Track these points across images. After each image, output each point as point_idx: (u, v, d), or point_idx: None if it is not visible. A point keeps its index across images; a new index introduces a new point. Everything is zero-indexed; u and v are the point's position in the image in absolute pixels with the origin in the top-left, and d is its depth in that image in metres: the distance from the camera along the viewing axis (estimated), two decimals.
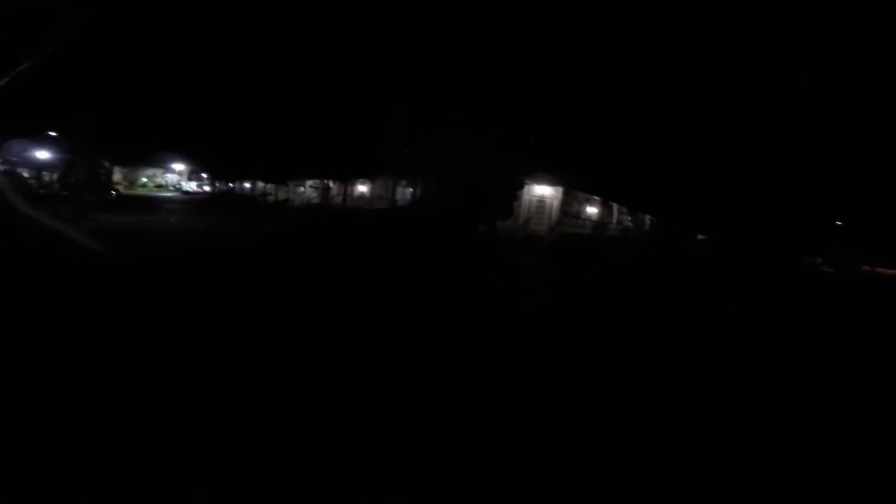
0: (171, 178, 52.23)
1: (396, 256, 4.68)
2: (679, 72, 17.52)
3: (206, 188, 46.33)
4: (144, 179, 50.75)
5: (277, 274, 4.27)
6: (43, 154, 30.86)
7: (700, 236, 29.57)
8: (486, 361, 4.57)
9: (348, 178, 25.90)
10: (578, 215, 29.02)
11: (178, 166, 50.60)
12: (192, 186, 48.90)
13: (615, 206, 32.73)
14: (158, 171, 51.78)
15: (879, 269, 28.67)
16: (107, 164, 40.81)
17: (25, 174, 29.67)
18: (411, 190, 23.93)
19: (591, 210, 31.54)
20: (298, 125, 24.21)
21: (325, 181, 27.66)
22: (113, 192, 35.51)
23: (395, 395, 3.57)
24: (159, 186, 50.71)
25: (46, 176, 31.16)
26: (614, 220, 33.08)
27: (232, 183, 41.82)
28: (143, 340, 3.46)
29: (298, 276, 4.44)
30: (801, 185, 20.17)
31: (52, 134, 31.76)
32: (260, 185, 37.28)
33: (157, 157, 46.27)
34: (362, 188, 27.70)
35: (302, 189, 33.26)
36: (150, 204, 31.41)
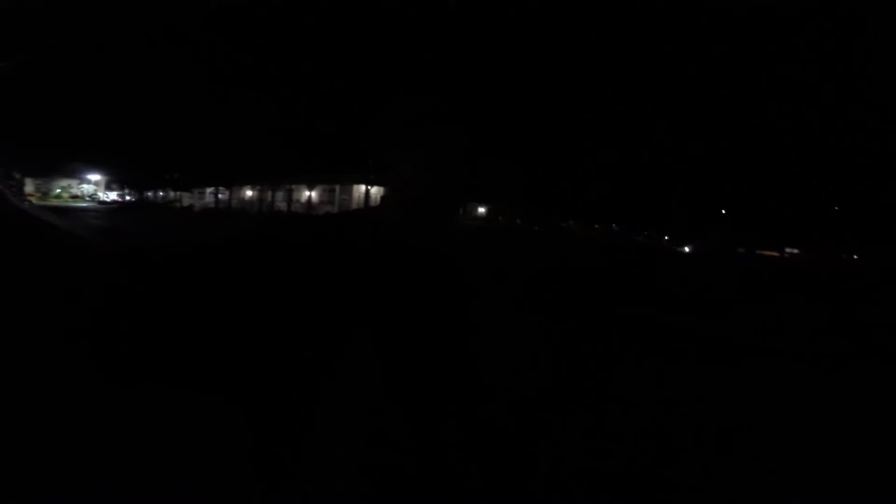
0: (87, 188, 53.01)
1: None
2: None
3: (128, 197, 47.65)
4: (58, 190, 51.53)
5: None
6: None
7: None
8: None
9: (238, 184, 29.61)
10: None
11: (95, 177, 51.75)
12: (108, 196, 49.94)
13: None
14: (74, 182, 52.62)
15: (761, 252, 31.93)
16: (17, 175, 42.34)
17: None
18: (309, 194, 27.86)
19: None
20: (202, 136, 27.21)
21: (219, 188, 31.24)
22: (25, 202, 37.06)
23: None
24: (74, 197, 51.42)
25: None
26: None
27: (146, 192, 43.98)
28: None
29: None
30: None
31: None
32: (170, 193, 40.16)
33: (72, 168, 47.69)
34: (249, 192, 31.50)
35: (203, 196, 36.64)
36: (60, 211, 33.75)
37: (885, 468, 3.58)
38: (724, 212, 33.31)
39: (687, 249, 33.49)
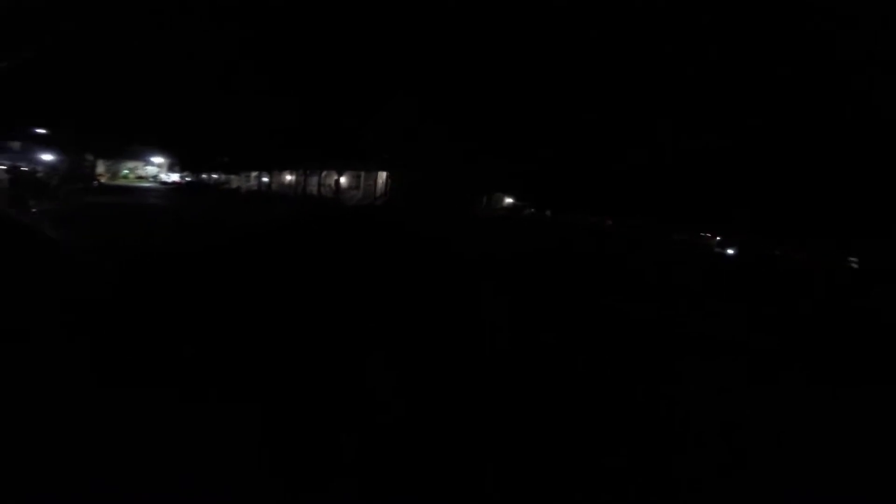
0: (151, 169, 57.76)
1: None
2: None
3: (188, 179, 51.74)
4: (126, 171, 56.57)
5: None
6: (38, 151, 37.29)
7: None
8: None
9: (278, 169, 32.53)
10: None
11: (158, 159, 56.42)
12: (170, 177, 54.17)
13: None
14: (140, 164, 57.56)
15: None
16: (90, 157, 47.33)
17: (24, 168, 36.05)
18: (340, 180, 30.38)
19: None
20: (247, 125, 30.07)
21: (262, 172, 34.39)
22: (95, 182, 41.70)
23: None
24: (140, 178, 56.23)
25: (41, 168, 37.73)
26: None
27: (202, 174, 47.88)
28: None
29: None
30: None
31: (44, 132, 37.78)
32: (222, 175, 43.94)
33: (138, 151, 52.50)
34: (287, 177, 34.41)
35: (249, 179, 40.05)
36: (125, 190, 38.05)
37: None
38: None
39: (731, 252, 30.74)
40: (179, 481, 2.84)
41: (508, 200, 43.81)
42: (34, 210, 15.42)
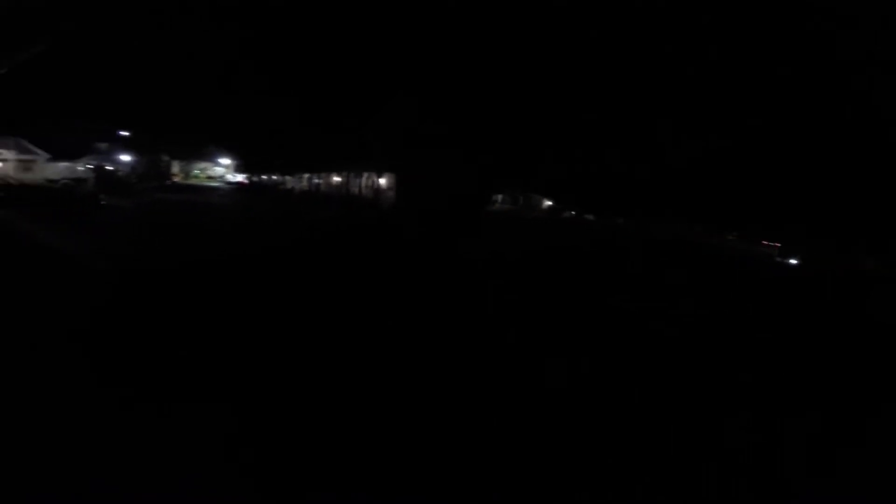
0: (218, 170, 62.06)
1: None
2: None
3: (254, 179, 55.28)
4: (197, 171, 61.14)
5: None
6: (118, 152, 41.48)
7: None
8: None
9: (330, 171, 34.60)
10: None
11: (225, 161, 60.63)
12: (236, 178, 58.03)
13: None
14: (209, 165, 62.07)
15: None
16: (166, 158, 51.90)
17: (108, 167, 40.23)
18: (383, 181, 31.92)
19: None
20: (306, 127, 32.11)
21: (314, 174, 36.67)
22: (168, 181, 45.69)
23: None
24: (210, 177, 60.59)
25: (123, 167, 41.93)
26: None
27: (262, 175, 51.16)
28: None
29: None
30: None
31: (127, 134, 41.89)
32: (279, 177, 46.97)
33: (209, 152, 56.75)
34: (336, 178, 36.38)
35: (301, 180, 42.74)
36: (193, 188, 41.80)
37: None
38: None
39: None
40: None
41: (548, 203, 43.91)
42: (103, 203, 17.64)
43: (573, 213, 42.81)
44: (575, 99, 16.84)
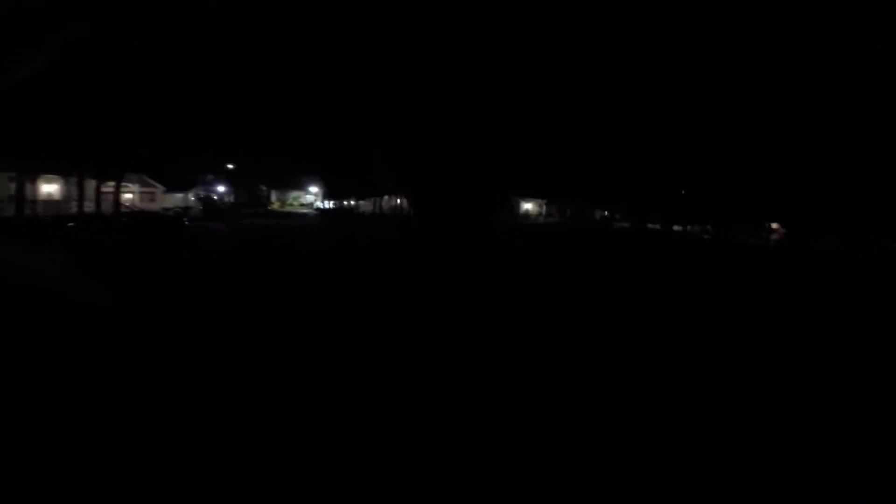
0: (309, 198, 68.67)
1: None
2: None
3: (332, 206, 60.72)
4: (292, 199, 68.12)
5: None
6: (223, 183, 48.16)
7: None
8: None
9: (389, 195, 37.79)
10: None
11: (315, 189, 67.09)
12: (324, 204, 63.78)
13: None
14: (302, 193, 68.96)
15: None
16: (264, 188, 58.96)
17: (214, 196, 46.87)
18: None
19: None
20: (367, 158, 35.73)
21: (380, 197, 40.29)
22: (264, 209, 51.73)
23: None
24: (302, 204, 67.18)
25: (225, 196, 48.55)
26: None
27: (343, 200, 56.07)
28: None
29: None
30: None
31: (231, 167, 48.44)
32: (356, 201, 51.62)
33: (301, 181, 63.32)
34: (397, 200, 39.42)
35: (371, 203, 46.92)
36: (284, 214, 47.57)
37: None
38: None
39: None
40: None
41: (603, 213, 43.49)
42: (187, 223, 21.75)
43: (627, 224, 41.96)
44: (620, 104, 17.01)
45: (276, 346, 6.28)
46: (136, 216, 23.42)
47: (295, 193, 68.21)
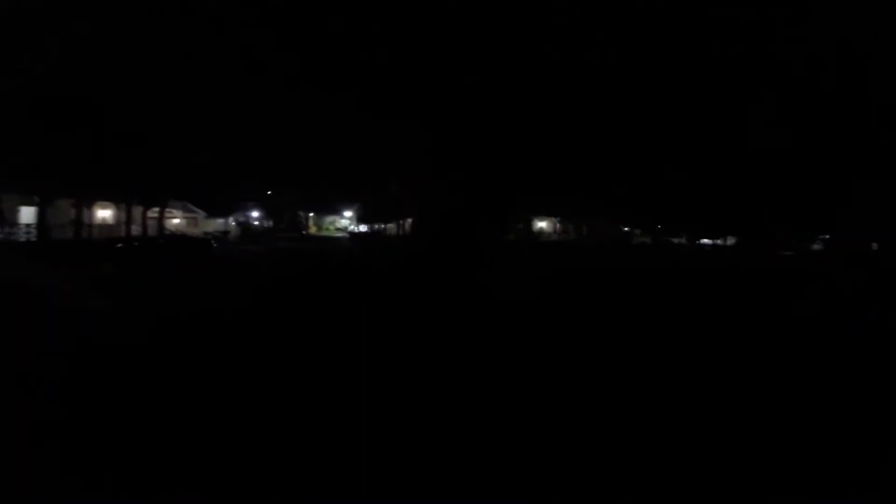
0: (343, 222, 71.64)
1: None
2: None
3: (362, 229, 63.18)
4: (328, 224, 71.35)
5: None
6: (261, 209, 51.54)
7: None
8: None
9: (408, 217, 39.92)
10: None
11: (348, 213, 70.02)
12: (356, 228, 66.27)
13: None
14: (337, 218, 72.12)
15: None
16: (301, 213, 62.45)
17: (251, 221, 50.22)
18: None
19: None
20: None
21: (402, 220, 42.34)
22: (299, 233, 54.67)
23: None
24: (337, 229, 70.15)
25: (262, 221, 51.89)
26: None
27: (374, 224, 58.45)
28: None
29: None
30: None
31: (269, 193, 51.76)
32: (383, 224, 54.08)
33: (337, 207, 66.50)
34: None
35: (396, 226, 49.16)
36: (318, 238, 50.62)
37: None
38: None
39: None
40: None
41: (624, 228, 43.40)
42: (215, 244, 24.21)
43: (649, 240, 41.55)
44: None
45: (270, 342, 7.17)
46: (172, 238, 26.24)
47: (331, 218, 71.40)
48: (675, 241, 46.34)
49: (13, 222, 25.17)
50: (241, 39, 15.91)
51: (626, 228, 45.12)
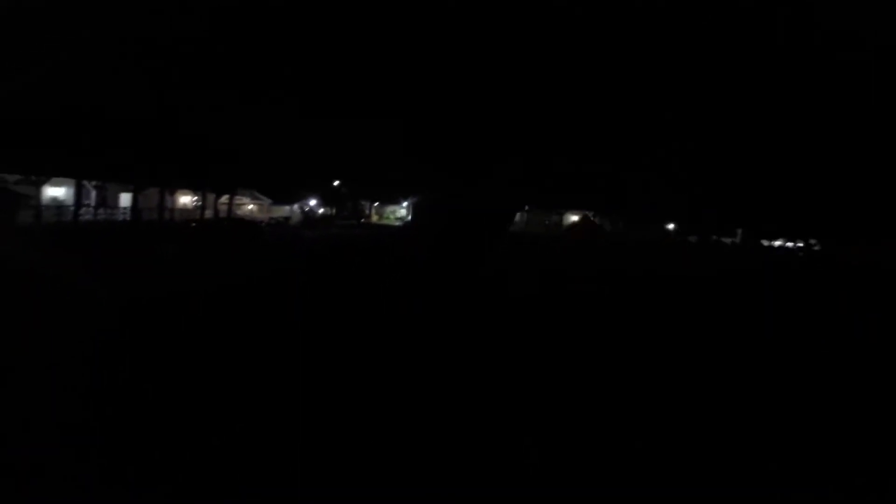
0: (402, 212, 75.34)
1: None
2: None
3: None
4: (389, 213, 75.45)
5: None
6: (322, 197, 56.14)
7: None
8: None
9: None
10: None
11: (406, 203, 73.49)
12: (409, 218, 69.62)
13: None
14: (397, 207, 76.01)
15: None
16: (363, 202, 66.90)
17: (312, 209, 54.89)
18: None
19: None
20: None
21: None
22: (358, 221, 58.79)
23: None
24: (397, 218, 74.01)
25: (324, 208, 56.48)
26: None
27: None
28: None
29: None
30: None
31: (336, 184, 56.10)
32: None
33: (396, 196, 70.34)
34: None
35: None
36: (374, 226, 54.52)
37: None
38: None
39: None
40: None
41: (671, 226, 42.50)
42: (268, 228, 28.32)
43: (696, 237, 40.16)
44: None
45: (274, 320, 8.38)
46: (233, 221, 30.82)
47: (392, 207, 75.48)
48: (728, 240, 44.58)
49: (114, 206, 30.88)
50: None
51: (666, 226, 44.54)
